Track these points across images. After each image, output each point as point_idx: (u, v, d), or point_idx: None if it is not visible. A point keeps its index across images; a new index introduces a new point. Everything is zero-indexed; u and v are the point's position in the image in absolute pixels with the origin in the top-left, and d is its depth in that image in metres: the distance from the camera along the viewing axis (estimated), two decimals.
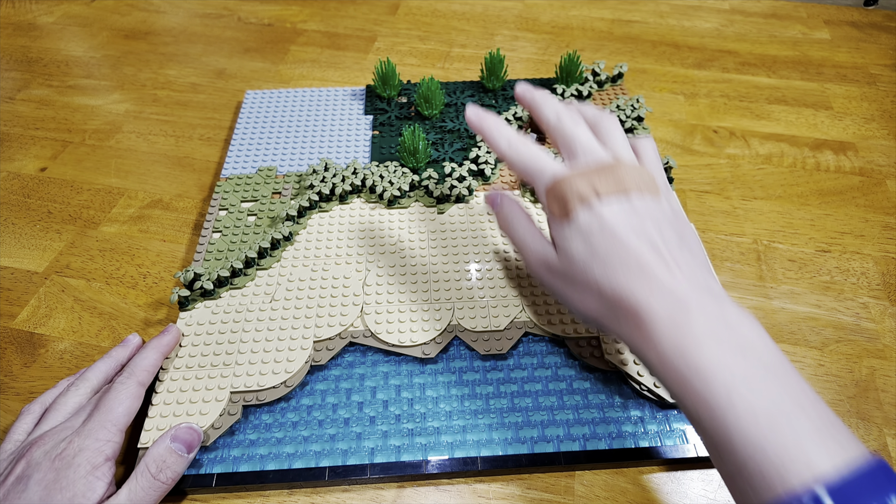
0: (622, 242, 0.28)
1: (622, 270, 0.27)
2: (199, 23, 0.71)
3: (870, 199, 0.48)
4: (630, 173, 0.30)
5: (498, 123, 0.34)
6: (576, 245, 0.29)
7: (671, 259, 0.27)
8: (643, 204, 0.29)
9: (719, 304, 0.26)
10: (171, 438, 0.30)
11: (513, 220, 0.33)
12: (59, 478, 0.27)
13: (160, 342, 0.35)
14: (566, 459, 0.32)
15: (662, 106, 0.58)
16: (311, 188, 0.46)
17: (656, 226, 0.28)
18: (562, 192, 0.30)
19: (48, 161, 0.52)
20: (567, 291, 0.30)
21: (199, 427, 0.31)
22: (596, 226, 0.28)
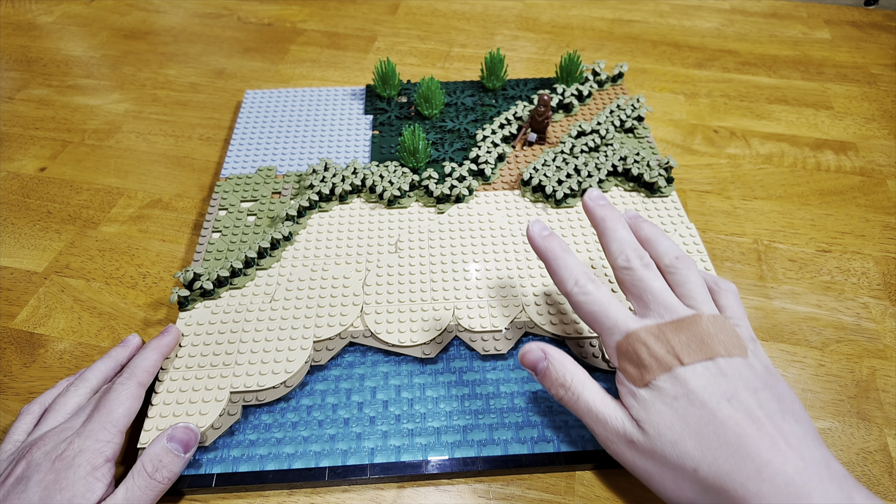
0: (714, 415, 0.24)
1: (721, 449, 0.24)
2: (199, 23, 0.70)
3: (870, 199, 0.48)
4: (714, 331, 0.27)
5: (566, 253, 0.31)
6: (661, 417, 0.25)
7: (775, 431, 0.24)
8: (731, 366, 0.26)
9: (844, 490, 0.23)
10: (167, 438, 0.30)
11: (571, 383, 0.28)
12: (59, 479, 0.27)
13: (160, 343, 0.35)
14: (566, 459, 0.32)
15: (663, 106, 0.58)
16: (310, 188, 0.46)
17: (751, 391, 0.25)
18: (637, 353, 0.27)
19: (48, 161, 0.52)
20: (656, 473, 0.26)
21: (195, 427, 0.31)
22: (682, 394, 0.25)
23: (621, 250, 0.30)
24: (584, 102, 0.55)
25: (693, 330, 0.27)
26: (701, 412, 0.25)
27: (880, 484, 0.32)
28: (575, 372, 0.29)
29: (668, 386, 0.26)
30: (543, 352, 0.30)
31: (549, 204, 0.45)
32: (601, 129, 0.50)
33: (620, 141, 0.50)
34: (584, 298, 0.29)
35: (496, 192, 0.46)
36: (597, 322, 0.29)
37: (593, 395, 0.28)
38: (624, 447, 0.27)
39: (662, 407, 0.26)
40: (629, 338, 0.27)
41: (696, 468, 0.24)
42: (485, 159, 0.47)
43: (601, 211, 0.32)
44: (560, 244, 0.31)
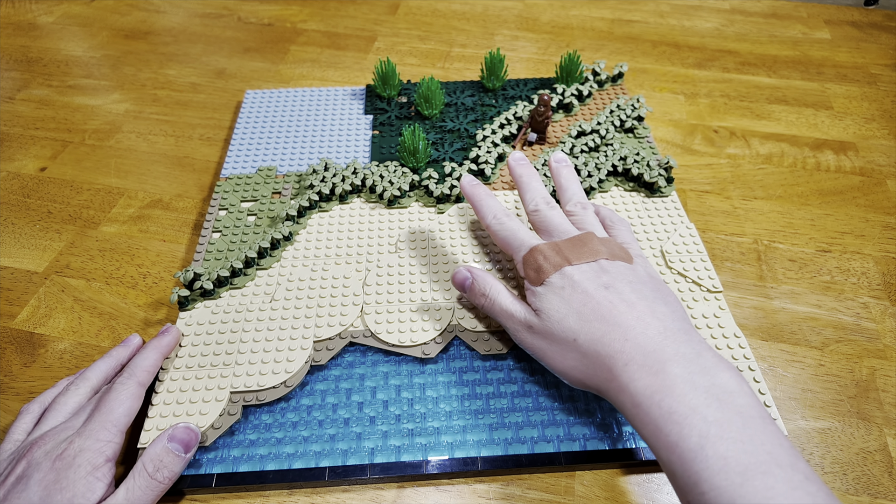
0: (592, 297, 0.29)
1: (596, 322, 0.29)
2: (199, 23, 0.71)
3: (870, 199, 0.48)
4: (601, 243, 0.32)
5: (487, 196, 0.37)
6: (551, 303, 0.31)
7: (646, 310, 0.28)
8: (613, 266, 0.31)
9: (696, 351, 0.26)
10: (167, 438, 0.30)
11: (489, 291, 0.34)
12: (59, 478, 0.27)
13: (160, 342, 0.35)
14: (566, 459, 0.32)
15: (663, 106, 0.58)
16: (311, 188, 0.46)
17: (628, 283, 0.30)
18: (535, 260, 0.32)
19: (48, 161, 0.52)
20: (548, 350, 0.31)
21: (196, 427, 0.31)
22: (568, 284, 0.30)
23: (532, 198, 0.36)
24: (584, 102, 0.55)
25: (584, 242, 0.32)
26: (582, 296, 0.30)
27: (880, 484, 0.32)
28: (493, 283, 0.34)
29: (557, 280, 0.31)
30: (469, 271, 0.35)
31: None
32: (601, 129, 0.50)
33: (620, 141, 0.50)
34: (499, 227, 0.35)
35: (496, 192, 0.46)
36: (508, 244, 0.35)
37: (505, 297, 0.33)
38: (525, 333, 0.32)
39: (552, 296, 0.31)
40: (532, 250, 0.33)
41: (576, 338, 0.29)
42: (485, 159, 0.47)
43: (520, 169, 0.38)
44: (485, 190, 0.38)
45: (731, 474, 0.22)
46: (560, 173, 0.39)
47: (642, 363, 0.26)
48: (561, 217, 0.35)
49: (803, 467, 0.23)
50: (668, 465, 0.25)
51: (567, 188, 0.38)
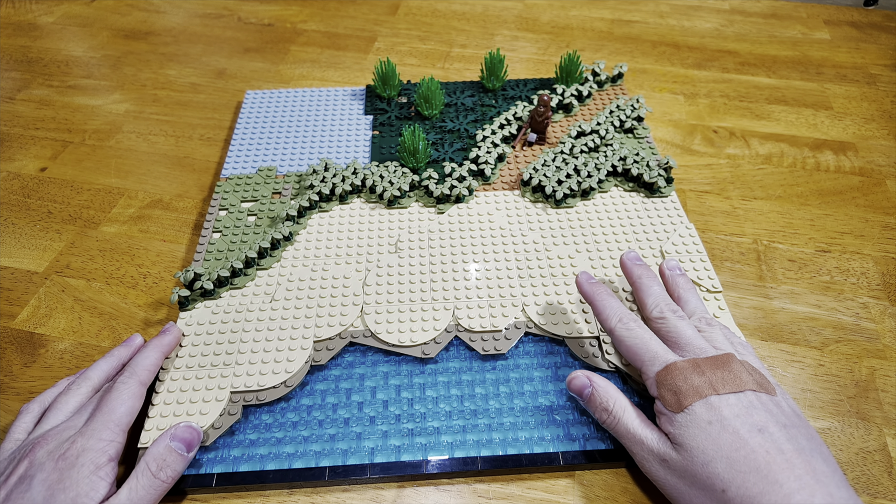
0: (746, 442, 0.26)
1: (751, 474, 0.25)
2: (199, 23, 0.71)
3: (870, 199, 0.48)
4: (745, 369, 0.29)
5: (609, 296, 0.35)
6: (695, 439, 0.27)
7: (804, 465, 0.25)
8: (762, 401, 0.28)
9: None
10: (170, 437, 0.30)
11: (617, 411, 0.31)
12: (62, 478, 0.27)
13: (161, 342, 0.35)
14: (566, 459, 0.32)
15: (662, 106, 0.58)
16: (311, 188, 0.46)
17: (781, 427, 0.27)
18: (675, 383, 0.29)
19: (48, 161, 0.52)
20: (685, 492, 0.28)
21: (198, 426, 0.31)
22: (715, 419, 0.27)
23: (655, 304, 0.34)
24: (583, 103, 0.55)
25: (727, 366, 0.29)
26: (733, 438, 0.26)
27: (880, 484, 0.32)
28: (617, 398, 0.31)
29: (703, 411, 0.27)
30: (589, 379, 0.32)
31: (548, 204, 0.45)
32: (601, 129, 0.50)
33: (620, 141, 0.50)
34: (627, 334, 0.32)
35: (496, 193, 0.46)
36: (637, 355, 0.31)
37: (632, 418, 0.30)
38: (658, 465, 0.29)
39: (696, 430, 0.27)
40: (669, 368, 0.29)
41: (725, 489, 0.26)
42: (485, 159, 0.47)
43: (637, 270, 0.36)
44: (605, 290, 0.35)
45: None
46: (677, 284, 0.36)
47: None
48: (692, 330, 0.32)
49: None
50: None
51: (688, 300, 0.35)
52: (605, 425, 0.31)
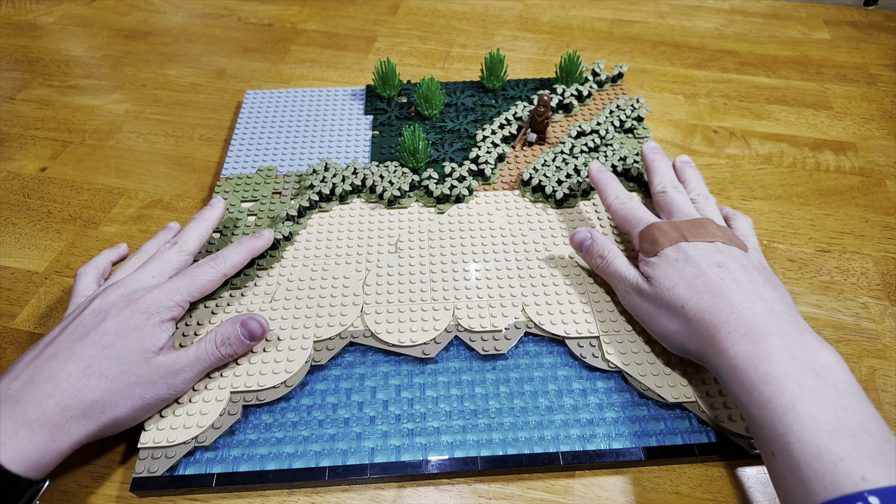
0: (704, 271, 0.31)
1: (705, 293, 0.30)
2: (199, 23, 0.71)
3: (870, 199, 0.48)
4: (718, 229, 0.34)
5: (612, 181, 0.41)
6: (663, 271, 0.33)
7: (753, 291, 0.30)
8: (728, 249, 0.33)
9: (799, 331, 0.28)
10: (241, 324, 0.33)
11: (607, 254, 0.37)
12: (132, 319, 0.31)
13: (252, 244, 0.38)
14: (566, 459, 0.32)
15: (662, 106, 0.58)
16: (311, 188, 0.46)
17: (740, 266, 0.31)
18: (652, 234, 0.35)
19: (48, 161, 0.52)
20: (654, 313, 0.33)
21: (266, 323, 0.34)
22: (682, 257, 0.33)
23: (661, 181, 0.39)
24: (583, 103, 0.55)
25: (703, 224, 0.34)
26: (694, 269, 0.32)
27: None
28: (612, 247, 0.37)
29: (672, 252, 0.33)
30: (590, 233, 0.38)
31: (549, 204, 0.45)
32: (601, 129, 0.50)
33: (620, 141, 0.50)
34: (619, 206, 0.38)
35: (496, 193, 0.46)
36: (627, 221, 0.37)
37: (621, 261, 0.36)
38: (634, 295, 0.35)
39: (665, 266, 0.33)
40: (650, 226, 0.35)
41: (684, 305, 0.31)
42: (485, 159, 0.47)
43: (652, 154, 0.42)
44: (611, 176, 0.41)
45: (821, 431, 0.24)
46: (685, 171, 0.41)
47: (744, 333, 0.28)
48: (686, 200, 0.37)
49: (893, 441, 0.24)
50: (755, 420, 0.26)
51: (691, 180, 0.40)
52: (598, 269, 0.37)
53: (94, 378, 0.28)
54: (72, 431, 0.27)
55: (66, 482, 0.32)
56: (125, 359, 0.29)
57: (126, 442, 0.34)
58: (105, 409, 0.28)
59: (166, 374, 0.31)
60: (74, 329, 0.30)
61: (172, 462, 0.31)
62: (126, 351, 0.30)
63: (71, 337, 0.29)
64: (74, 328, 0.30)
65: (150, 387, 0.30)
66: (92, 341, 0.29)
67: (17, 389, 0.27)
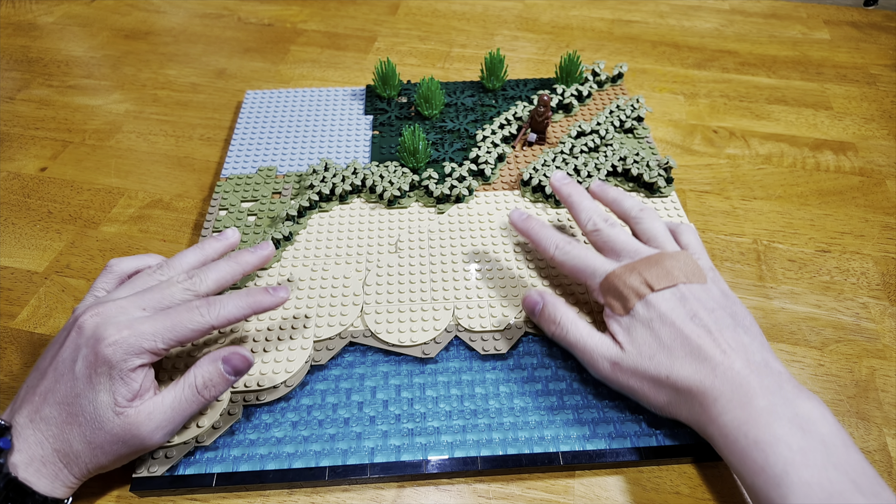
0: (681, 330, 0.30)
1: (687, 359, 0.29)
2: (199, 23, 0.71)
3: (870, 199, 0.48)
4: (676, 263, 0.32)
5: (543, 227, 0.37)
6: (641, 337, 0.31)
7: (725, 342, 0.29)
8: (691, 291, 0.31)
9: (779, 382, 0.28)
10: (222, 360, 0.30)
11: (565, 322, 0.33)
12: (97, 364, 0.28)
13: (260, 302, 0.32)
14: (566, 459, 0.32)
15: (662, 106, 0.58)
16: (311, 188, 0.46)
17: (708, 311, 0.30)
18: (617, 288, 0.32)
19: (48, 161, 0.52)
20: (639, 387, 0.31)
21: (250, 354, 0.30)
22: (655, 316, 0.31)
23: (588, 217, 0.36)
24: (583, 103, 0.55)
25: (659, 263, 0.32)
26: (669, 329, 0.30)
27: None
28: (566, 311, 0.34)
29: (643, 311, 0.31)
30: (540, 296, 0.35)
31: (548, 204, 0.45)
32: (601, 129, 0.50)
33: (620, 141, 0.50)
34: (565, 257, 0.35)
35: (496, 193, 0.46)
36: (579, 272, 0.34)
37: (581, 328, 0.33)
38: (609, 368, 0.31)
39: (640, 329, 0.31)
40: (609, 276, 0.32)
41: (668, 375, 0.29)
42: (485, 159, 0.47)
43: (567, 188, 0.38)
44: (538, 222, 0.38)
45: (814, 499, 0.24)
46: (606, 193, 0.39)
47: (730, 398, 0.28)
48: (625, 234, 0.35)
49: (887, 497, 0.24)
50: (752, 489, 0.26)
51: (620, 200, 0.38)
52: (555, 338, 0.34)
53: (75, 428, 0.28)
54: (70, 473, 0.28)
55: None
56: (96, 412, 0.27)
57: None
58: (88, 460, 0.28)
59: (141, 434, 0.28)
60: (57, 365, 0.28)
61: (172, 462, 0.31)
62: (95, 401, 0.27)
63: (55, 374, 0.28)
64: (57, 363, 0.28)
65: (123, 445, 0.28)
66: (68, 387, 0.28)
67: (23, 425, 0.28)
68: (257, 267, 0.35)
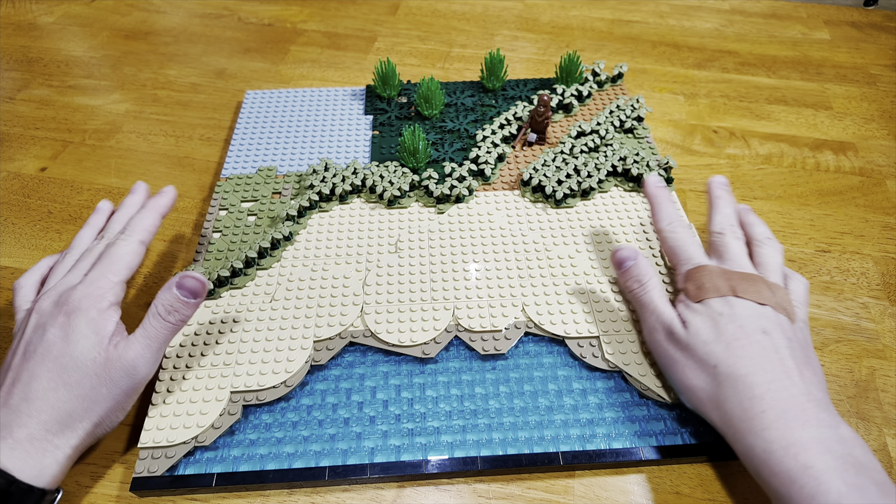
0: (748, 335, 0.29)
1: (744, 359, 0.29)
2: (199, 23, 0.71)
3: (869, 199, 0.48)
4: (772, 292, 0.31)
5: (667, 201, 0.38)
6: (704, 322, 0.31)
7: (794, 367, 0.28)
8: (776, 316, 0.30)
9: (836, 422, 0.27)
10: (176, 286, 0.31)
11: (647, 281, 0.34)
12: (69, 321, 0.29)
13: (157, 202, 0.36)
14: (566, 459, 0.32)
15: (662, 106, 0.58)
16: (311, 188, 0.46)
17: (784, 337, 0.29)
18: (700, 279, 0.32)
19: (48, 161, 0.52)
20: (680, 362, 0.31)
21: (204, 277, 0.32)
22: (727, 312, 0.30)
23: (721, 221, 0.36)
24: (583, 103, 0.55)
25: (755, 283, 0.32)
26: (737, 329, 0.30)
27: None
28: (653, 276, 0.34)
29: (718, 304, 0.31)
30: (634, 253, 0.35)
31: (549, 204, 0.45)
32: (601, 129, 0.50)
33: (620, 141, 0.50)
34: (671, 235, 0.36)
35: (496, 193, 0.47)
36: (676, 254, 0.35)
37: (658, 293, 0.34)
38: (664, 336, 0.32)
39: (707, 317, 0.31)
40: (700, 267, 0.33)
41: (717, 365, 0.29)
42: (485, 159, 0.47)
43: (719, 191, 0.38)
44: (667, 194, 0.38)
45: None
46: (745, 210, 0.38)
47: (780, 415, 0.27)
48: (742, 250, 0.35)
49: None
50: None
51: (756, 223, 0.37)
52: (631, 293, 0.35)
53: (61, 390, 0.28)
54: (61, 445, 0.28)
55: (67, 482, 0.32)
56: (80, 362, 0.29)
57: (126, 442, 0.34)
58: (82, 417, 0.28)
59: (124, 365, 0.29)
60: (24, 350, 0.29)
61: (172, 462, 0.31)
62: (78, 354, 0.29)
63: (24, 358, 0.29)
64: (24, 349, 0.30)
65: (113, 384, 0.29)
66: (43, 356, 0.29)
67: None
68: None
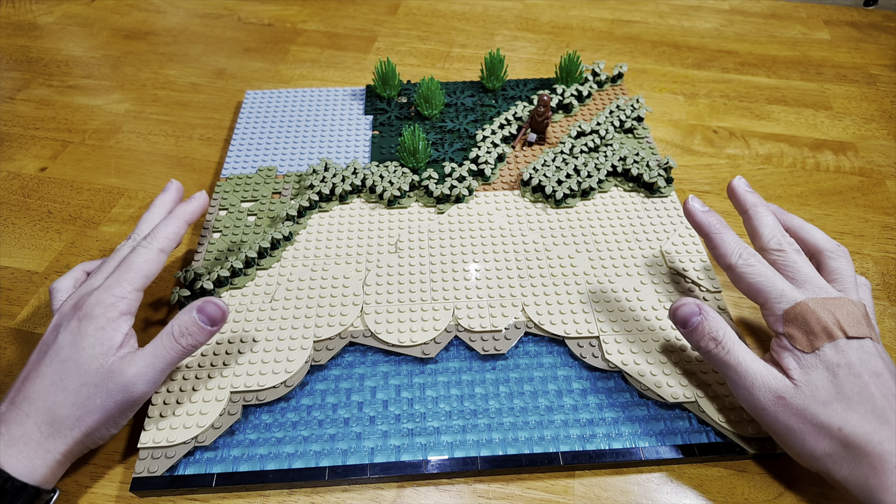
0: (867, 386, 0.27)
1: (868, 416, 0.27)
2: (199, 23, 0.71)
3: (869, 199, 0.48)
4: (864, 315, 0.30)
5: (726, 229, 0.33)
6: (821, 380, 0.28)
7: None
8: (875, 348, 0.29)
9: None
10: (197, 310, 0.31)
11: (723, 337, 0.30)
12: (80, 327, 0.30)
13: (185, 209, 0.36)
14: (566, 459, 0.32)
15: (662, 106, 0.58)
16: (311, 188, 0.46)
17: (891, 373, 0.28)
18: (807, 321, 0.29)
19: (48, 161, 0.52)
20: (796, 429, 0.28)
21: (225, 305, 0.32)
22: (843, 363, 0.28)
23: (772, 235, 0.33)
24: (583, 103, 0.55)
25: (850, 310, 0.29)
26: (856, 381, 0.27)
27: None
28: (727, 329, 0.31)
29: (833, 354, 0.28)
30: (699, 307, 0.31)
31: (548, 204, 0.45)
32: (601, 129, 0.50)
33: (620, 141, 0.50)
34: (749, 270, 0.31)
35: (496, 193, 0.47)
36: (761, 292, 0.31)
37: (743, 351, 0.30)
38: (772, 401, 0.29)
39: (824, 371, 0.28)
40: (799, 305, 0.29)
41: (842, 427, 0.27)
42: (485, 159, 0.47)
43: (751, 197, 0.35)
44: (720, 220, 0.34)
45: None
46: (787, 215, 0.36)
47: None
48: (811, 267, 0.32)
49: None
50: None
51: (809, 229, 0.34)
52: (710, 355, 0.31)
53: (60, 394, 0.28)
54: (53, 448, 0.28)
55: (66, 482, 0.32)
56: (83, 369, 0.29)
57: (126, 442, 0.34)
58: (72, 425, 0.28)
59: (123, 379, 0.29)
60: (40, 349, 0.30)
61: (172, 462, 0.31)
62: (83, 360, 0.29)
63: (38, 357, 0.30)
64: (40, 347, 0.30)
65: (108, 396, 0.29)
66: (52, 358, 0.29)
67: (3, 411, 0.28)
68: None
